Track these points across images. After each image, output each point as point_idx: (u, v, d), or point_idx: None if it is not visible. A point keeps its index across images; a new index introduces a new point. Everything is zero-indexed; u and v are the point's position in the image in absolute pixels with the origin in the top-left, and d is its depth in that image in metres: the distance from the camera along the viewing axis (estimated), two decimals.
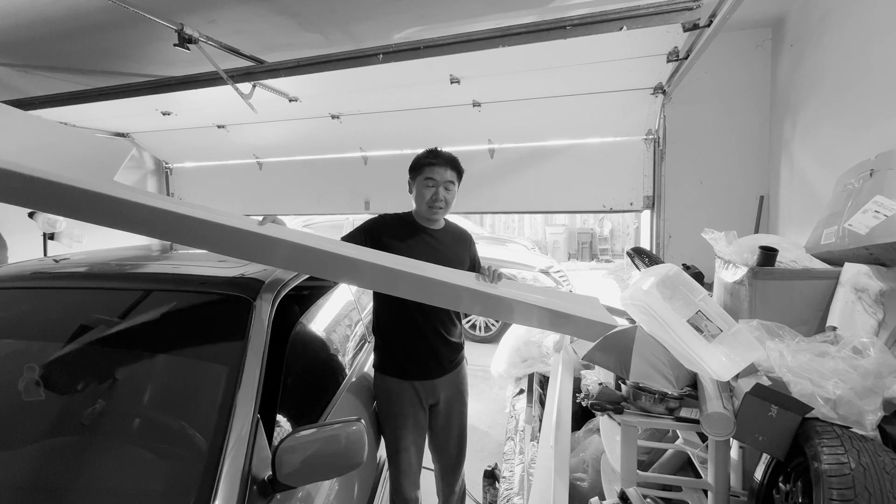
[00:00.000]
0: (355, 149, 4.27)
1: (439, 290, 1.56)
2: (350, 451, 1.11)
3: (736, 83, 3.11)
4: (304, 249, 1.34)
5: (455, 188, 1.87)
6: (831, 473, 1.18)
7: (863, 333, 1.54)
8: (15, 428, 1.16)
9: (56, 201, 1.16)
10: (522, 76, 2.85)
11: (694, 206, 3.26)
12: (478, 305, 1.80)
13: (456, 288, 1.57)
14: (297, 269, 1.65)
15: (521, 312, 1.72)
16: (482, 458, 2.65)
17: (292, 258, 1.44)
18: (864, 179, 1.81)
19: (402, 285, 1.54)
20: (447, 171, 1.83)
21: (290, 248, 1.33)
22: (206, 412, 1.12)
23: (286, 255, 1.41)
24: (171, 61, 3.18)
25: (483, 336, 5.50)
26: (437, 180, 1.81)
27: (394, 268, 1.44)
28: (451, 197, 1.86)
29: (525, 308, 1.66)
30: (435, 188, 1.81)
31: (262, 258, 1.46)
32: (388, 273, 1.44)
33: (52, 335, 1.32)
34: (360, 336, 2.30)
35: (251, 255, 1.42)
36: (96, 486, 1.05)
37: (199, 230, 1.23)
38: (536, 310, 1.65)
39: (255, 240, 1.28)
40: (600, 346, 1.80)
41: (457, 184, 1.88)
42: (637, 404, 1.65)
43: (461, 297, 1.63)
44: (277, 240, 1.30)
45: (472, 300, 1.66)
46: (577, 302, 1.77)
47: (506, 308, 1.72)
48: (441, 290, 1.57)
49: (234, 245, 1.34)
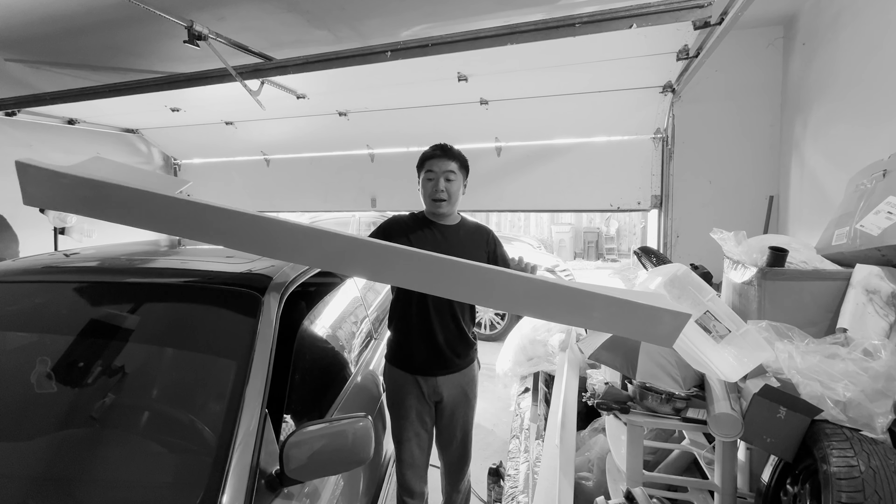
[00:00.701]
0: (362, 146, 4.28)
1: (451, 280, 1.33)
2: (357, 446, 1.12)
3: (747, 82, 3.08)
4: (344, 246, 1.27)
5: (458, 179, 1.83)
6: (841, 476, 1.18)
7: (874, 336, 1.52)
8: (29, 419, 1.18)
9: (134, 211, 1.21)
10: (530, 74, 2.84)
11: (702, 205, 3.24)
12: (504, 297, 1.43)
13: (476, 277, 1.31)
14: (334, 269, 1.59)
15: (564, 304, 1.33)
16: (487, 456, 2.65)
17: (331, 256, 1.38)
18: (876, 180, 1.79)
19: (413, 277, 1.44)
20: (448, 162, 1.81)
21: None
22: (215, 406, 1.13)
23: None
24: (180, 58, 3.20)
25: (488, 334, 5.51)
26: (437, 172, 1.80)
27: (407, 260, 1.35)
28: (454, 188, 1.82)
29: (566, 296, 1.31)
30: (435, 180, 1.79)
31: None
32: (404, 263, 1.35)
33: (64, 329, 1.34)
34: (366, 332, 2.30)
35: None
36: (108, 478, 1.06)
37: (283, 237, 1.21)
38: (589, 298, 1.29)
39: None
40: (607, 346, 1.80)
41: (460, 175, 1.84)
42: (643, 404, 1.64)
43: (478, 287, 1.36)
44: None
45: (491, 291, 1.36)
46: (638, 296, 1.42)
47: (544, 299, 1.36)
48: (456, 280, 1.34)
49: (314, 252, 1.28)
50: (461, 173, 1.85)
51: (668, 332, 1.25)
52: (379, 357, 2.24)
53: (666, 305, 1.24)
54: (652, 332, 1.27)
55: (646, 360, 1.68)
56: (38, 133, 4.03)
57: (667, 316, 1.21)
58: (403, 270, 1.36)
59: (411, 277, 1.30)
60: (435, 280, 1.33)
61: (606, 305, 1.25)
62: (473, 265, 1.28)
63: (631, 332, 1.34)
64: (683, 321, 1.22)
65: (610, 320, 1.27)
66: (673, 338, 1.25)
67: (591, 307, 1.26)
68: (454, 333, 1.86)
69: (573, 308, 1.28)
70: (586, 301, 1.25)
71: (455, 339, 1.87)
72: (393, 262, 1.31)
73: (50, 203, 1.26)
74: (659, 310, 1.22)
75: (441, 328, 1.83)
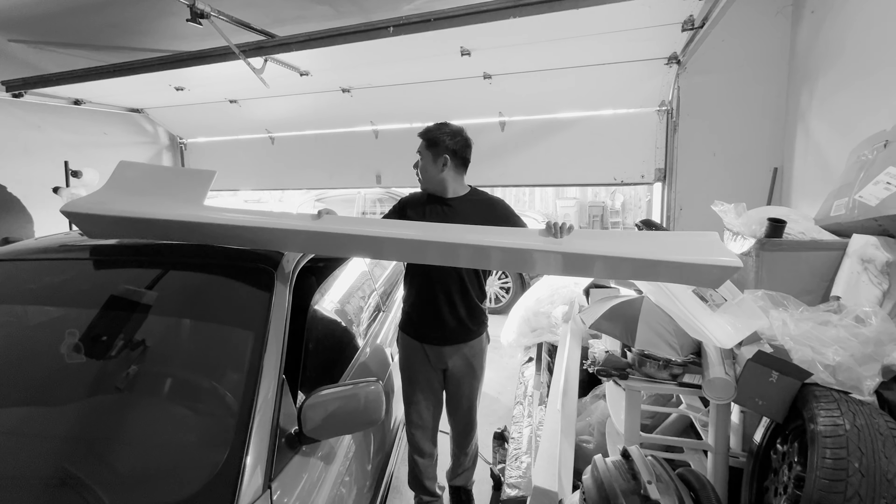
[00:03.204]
0: (366, 123, 4.28)
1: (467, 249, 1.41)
2: (369, 408, 1.20)
3: (754, 51, 3.04)
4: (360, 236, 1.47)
5: (426, 157, 1.89)
6: (826, 434, 1.23)
7: (866, 303, 1.56)
8: (65, 387, 1.27)
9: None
10: (534, 47, 2.82)
11: (706, 178, 3.25)
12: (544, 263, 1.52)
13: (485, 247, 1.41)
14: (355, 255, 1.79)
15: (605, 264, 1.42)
16: (492, 422, 2.76)
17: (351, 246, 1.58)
18: (878, 151, 1.80)
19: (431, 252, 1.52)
20: (421, 142, 1.91)
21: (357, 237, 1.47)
22: (236, 373, 1.21)
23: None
24: (183, 36, 3.20)
25: (493, 307, 5.59)
26: (418, 152, 1.93)
27: (422, 238, 1.44)
28: (423, 165, 1.91)
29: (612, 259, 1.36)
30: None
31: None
32: (419, 243, 1.46)
33: (94, 304, 1.42)
34: (374, 306, 2.38)
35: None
36: (143, 438, 1.16)
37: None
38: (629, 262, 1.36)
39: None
40: (608, 315, 1.86)
41: (427, 153, 1.89)
42: (642, 371, 1.71)
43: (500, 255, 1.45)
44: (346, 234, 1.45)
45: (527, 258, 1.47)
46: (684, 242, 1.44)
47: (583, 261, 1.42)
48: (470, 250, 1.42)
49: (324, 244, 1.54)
50: (427, 151, 1.90)
51: (715, 279, 1.40)
52: (387, 329, 2.32)
53: (715, 257, 1.34)
54: (701, 280, 1.43)
55: (645, 329, 1.74)
56: (45, 114, 4.06)
57: (716, 270, 1.34)
58: (407, 249, 1.50)
59: (418, 252, 1.41)
60: (447, 250, 1.45)
61: (653, 264, 1.36)
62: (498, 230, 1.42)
63: (679, 280, 1.49)
64: (731, 272, 1.34)
65: (663, 273, 1.43)
66: (720, 282, 1.42)
67: (650, 268, 1.39)
68: (460, 306, 1.91)
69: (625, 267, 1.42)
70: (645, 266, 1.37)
71: (460, 311, 1.91)
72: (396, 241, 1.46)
73: (109, 236, 1.62)
74: (706, 266, 1.33)
75: (446, 301, 1.89)
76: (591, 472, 1.34)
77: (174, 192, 1.48)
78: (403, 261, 1.71)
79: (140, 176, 1.57)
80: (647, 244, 1.40)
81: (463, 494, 2.15)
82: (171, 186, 1.53)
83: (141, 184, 1.52)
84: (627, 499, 1.20)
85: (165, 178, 1.66)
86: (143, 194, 1.46)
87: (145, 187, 1.50)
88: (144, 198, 1.44)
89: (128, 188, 1.49)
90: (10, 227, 3.84)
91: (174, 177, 1.76)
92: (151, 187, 1.51)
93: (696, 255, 1.33)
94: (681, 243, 1.42)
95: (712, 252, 1.34)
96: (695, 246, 1.37)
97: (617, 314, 1.84)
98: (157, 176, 1.68)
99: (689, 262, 1.33)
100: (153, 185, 1.54)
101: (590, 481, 1.31)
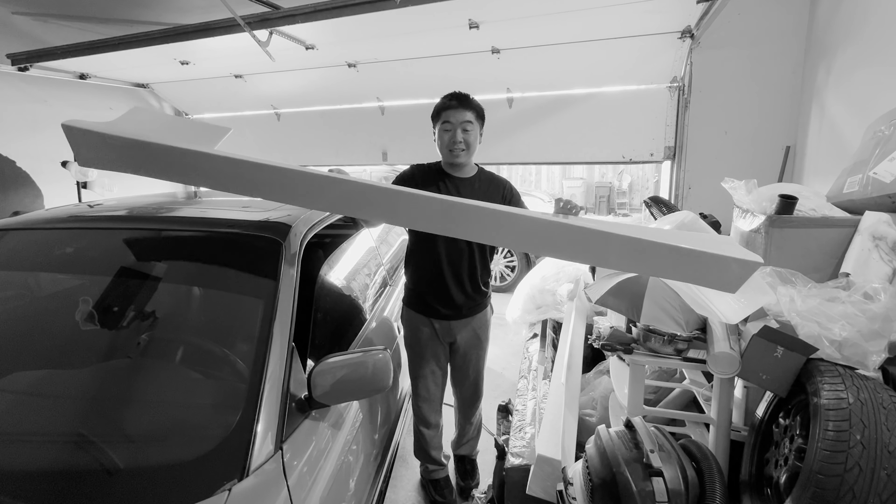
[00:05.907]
0: (372, 99, 4.24)
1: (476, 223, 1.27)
2: (377, 376, 1.22)
3: (770, 25, 2.96)
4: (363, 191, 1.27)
5: (475, 129, 1.83)
6: (829, 407, 1.24)
7: (876, 280, 1.56)
8: (82, 352, 1.30)
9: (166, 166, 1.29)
10: (544, 20, 2.76)
11: (717, 156, 3.20)
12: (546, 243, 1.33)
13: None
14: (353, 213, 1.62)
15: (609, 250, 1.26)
16: (496, 396, 2.79)
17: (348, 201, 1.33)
18: (895, 126, 1.76)
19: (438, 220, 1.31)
20: (465, 112, 1.80)
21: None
22: (248, 339, 1.24)
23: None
24: (186, 9, 3.15)
25: (498, 285, 5.61)
26: (454, 122, 1.80)
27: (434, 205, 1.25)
28: (472, 138, 1.82)
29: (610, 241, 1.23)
30: (452, 131, 1.80)
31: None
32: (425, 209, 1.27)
33: (105, 272, 1.44)
34: (380, 279, 2.40)
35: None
36: (161, 400, 1.20)
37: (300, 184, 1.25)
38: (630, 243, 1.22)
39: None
40: (613, 291, 1.86)
41: (477, 125, 1.84)
42: (647, 346, 1.72)
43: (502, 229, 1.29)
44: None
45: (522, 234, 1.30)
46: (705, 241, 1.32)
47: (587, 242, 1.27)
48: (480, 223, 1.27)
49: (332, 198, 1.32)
50: (478, 123, 1.84)
51: (733, 279, 1.21)
52: (394, 303, 2.34)
53: (734, 253, 1.18)
54: (716, 279, 1.22)
55: (650, 305, 1.74)
56: (51, 88, 4.05)
57: (734, 265, 1.16)
58: (414, 212, 1.36)
59: (426, 219, 1.30)
60: (463, 223, 1.27)
61: (668, 253, 1.20)
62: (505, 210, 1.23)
63: (692, 279, 1.29)
64: (752, 269, 1.16)
65: (671, 268, 1.24)
66: (738, 284, 1.21)
67: (656, 255, 1.22)
68: (466, 282, 1.93)
69: (631, 256, 1.24)
70: (648, 249, 1.20)
71: (467, 286, 1.94)
72: (402, 205, 1.32)
73: (102, 164, 1.33)
74: (725, 258, 1.16)
75: (453, 277, 1.90)
76: (594, 441, 1.36)
77: (185, 137, 1.36)
78: (429, 230, 1.45)
79: (152, 118, 1.48)
80: (663, 235, 1.29)
81: (468, 463, 2.21)
82: (182, 132, 1.43)
83: (151, 125, 1.42)
84: (630, 467, 1.23)
85: (178, 125, 1.58)
86: (152, 132, 1.32)
87: (155, 128, 1.39)
88: (152, 133, 1.31)
89: (137, 125, 1.37)
90: (21, 201, 3.88)
91: (187, 125, 1.69)
92: (162, 129, 1.40)
93: (714, 249, 1.20)
94: (697, 238, 1.32)
95: (731, 252, 1.21)
96: (713, 242, 1.27)
97: (623, 290, 1.84)
98: (170, 122, 1.60)
99: (706, 252, 1.18)
100: (164, 127, 1.44)
101: (592, 450, 1.33)
